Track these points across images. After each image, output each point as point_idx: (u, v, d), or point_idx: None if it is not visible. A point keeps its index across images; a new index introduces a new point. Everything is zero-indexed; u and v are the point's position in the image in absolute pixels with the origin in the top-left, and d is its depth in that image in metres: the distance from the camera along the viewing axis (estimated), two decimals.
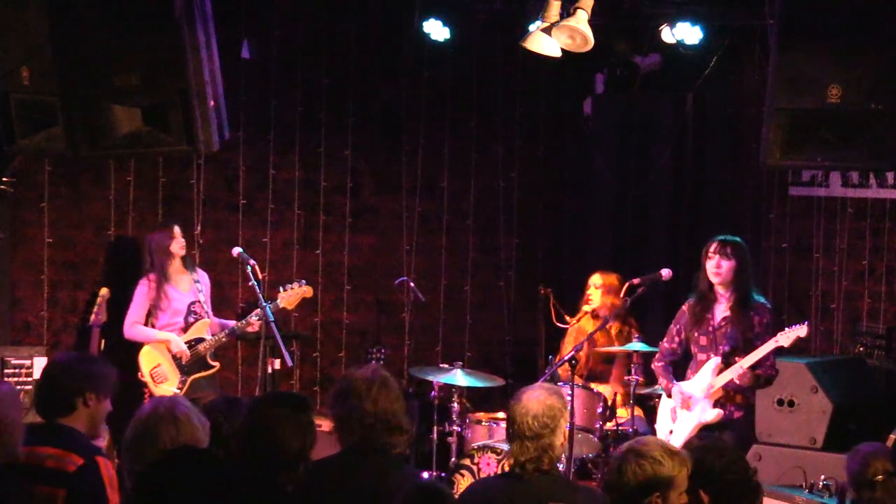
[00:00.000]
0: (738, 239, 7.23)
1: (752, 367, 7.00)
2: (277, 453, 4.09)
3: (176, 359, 8.05)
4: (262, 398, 4.43)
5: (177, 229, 8.16)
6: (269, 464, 4.07)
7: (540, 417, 4.82)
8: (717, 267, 7.12)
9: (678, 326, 7.37)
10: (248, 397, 7.11)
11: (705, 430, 7.06)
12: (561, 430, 4.87)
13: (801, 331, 6.93)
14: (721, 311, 7.21)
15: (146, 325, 8.13)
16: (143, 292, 8.11)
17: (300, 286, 8.12)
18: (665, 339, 7.42)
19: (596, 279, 8.45)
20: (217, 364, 8.19)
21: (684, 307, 7.36)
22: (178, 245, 8.14)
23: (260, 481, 4.03)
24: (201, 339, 8.11)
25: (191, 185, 8.99)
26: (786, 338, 6.95)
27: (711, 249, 7.14)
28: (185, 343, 8.08)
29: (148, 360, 8.03)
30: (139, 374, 8.02)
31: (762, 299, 7.26)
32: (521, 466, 4.83)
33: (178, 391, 7.90)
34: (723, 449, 4.26)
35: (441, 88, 9.70)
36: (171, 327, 8.12)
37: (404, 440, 4.61)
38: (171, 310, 8.12)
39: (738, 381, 7.03)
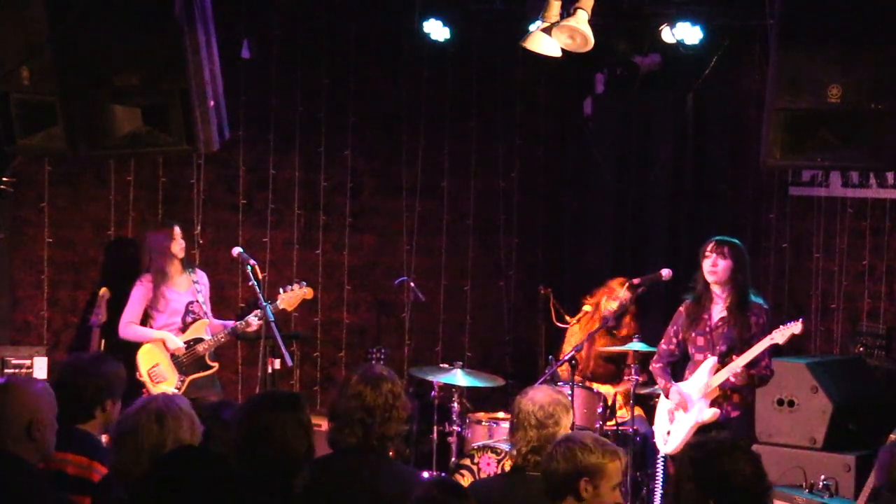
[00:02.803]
0: (735, 240, 7.23)
1: (748, 367, 7.00)
2: (286, 456, 4.08)
3: (175, 358, 8.04)
4: (259, 400, 4.38)
5: (177, 230, 8.14)
6: (278, 467, 4.06)
7: (546, 407, 4.84)
8: (713, 266, 7.13)
9: (675, 328, 7.37)
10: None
11: (702, 430, 7.06)
12: (565, 427, 4.86)
13: (795, 328, 6.94)
14: (718, 311, 7.21)
15: (144, 325, 8.12)
16: (139, 293, 8.10)
17: (301, 287, 8.10)
18: (663, 341, 7.42)
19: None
20: (216, 364, 8.18)
21: (681, 308, 7.37)
22: (178, 246, 8.12)
23: (270, 484, 4.03)
24: (200, 340, 8.10)
25: (191, 185, 8.99)
26: (780, 335, 6.96)
27: (708, 249, 7.15)
28: (184, 343, 8.07)
29: (146, 360, 8.02)
30: (137, 373, 8.01)
31: (760, 300, 7.27)
32: (522, 458, 4.83)
33: (175, 391, 7.86)
34: (732, 450, 4.02)
35: (441, 88, 9.70)
36: (168, 328, 8.10)
37: (399, 441, 4.59)
38: (169, 310, 8.11)
39: (733, 380, 7.04)
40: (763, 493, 3.99)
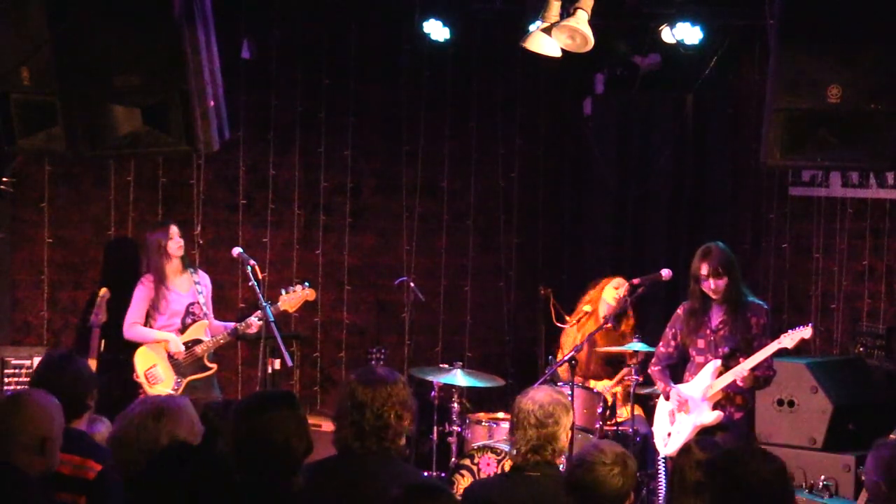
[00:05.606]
0: (720, 246, 7.18)
1: (752, 369, 6.99)
2: (286, 455, 4.07)
3: (173, 360, 8.03)
4: (254, 400, 4.36)
5: (174, 229, 8.12)
6: (278, 466, 4.06)
7: (546, 406, 4.83)
8: (714, 286, 7.12)
9: (674, 330, 7.36)
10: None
11: (703, 432, 7.05)
12: (565, 426, 4.85)
13: (805, 332, 6.91)
14: (718, 314, 7.21)
15: (145, 325, 8.11)
16: (141, 293, 8.09)
17: (303, 289, 8.06)
18: (661, 344, 7.41)
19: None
20: (214, 366, 8.16)
21: (679, 310, 7.35)
22: (175, 245, 8.10)
23: (269, 483, 4.02)
24: (199, 341, 8.09)
25: (191, 185, 8.98)
26: (789, 339, 6.93)
27: (703, 272, 7.11)
28: (183, 344, 8.06)
29: (143, 361, 8.01)
30: (134, 374, 8.00)
31: (757, 300, 7.26)
32: (522, 457, 4.81)
33: (172, 392, 7.84)
34: (765, 454, 3.93)
35: (441, 88, 9.70)
36: (168, 329, 8.08)
37: (401, 442, 4.56)
38: (169, 311, 8.09)
39: (739, 383, 7.03)
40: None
